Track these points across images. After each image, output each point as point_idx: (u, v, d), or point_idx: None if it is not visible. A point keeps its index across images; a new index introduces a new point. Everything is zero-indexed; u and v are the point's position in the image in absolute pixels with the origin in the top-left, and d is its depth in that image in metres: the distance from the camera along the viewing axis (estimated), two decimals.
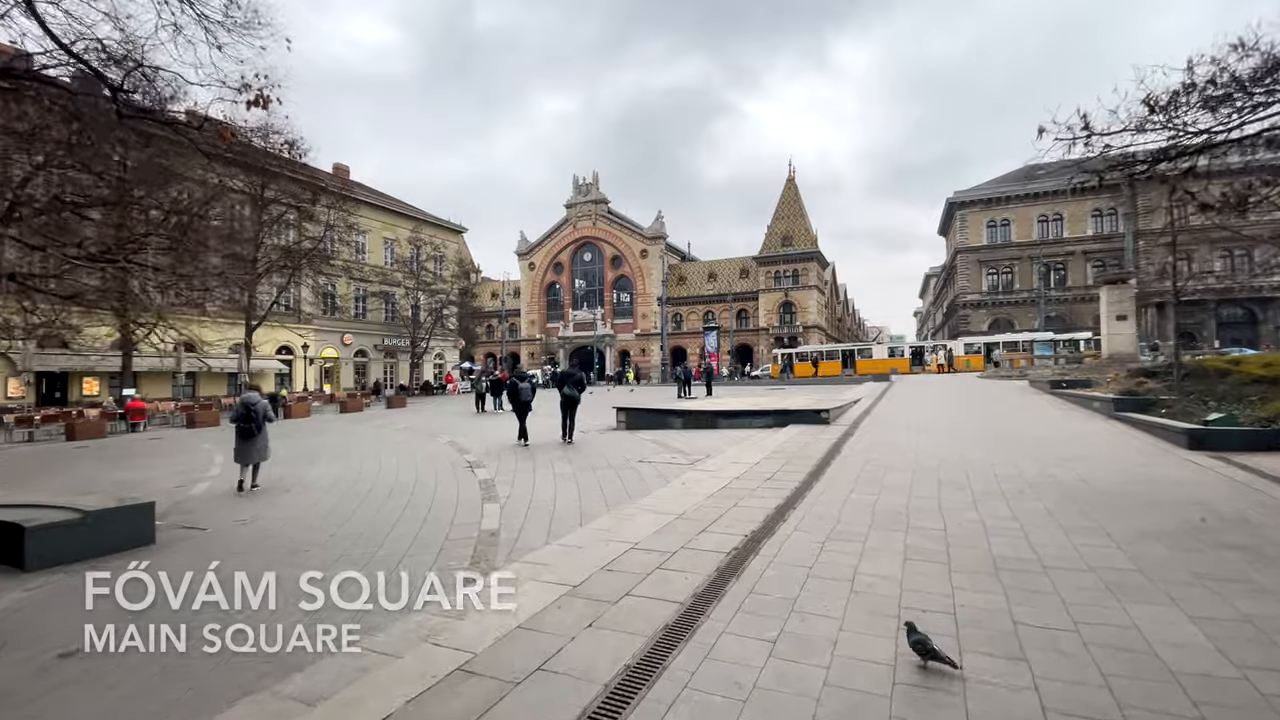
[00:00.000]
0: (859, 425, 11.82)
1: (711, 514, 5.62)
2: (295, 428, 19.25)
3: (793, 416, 12.32)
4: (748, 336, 63.57)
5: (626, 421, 14.23)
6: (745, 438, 10.96)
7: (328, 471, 10.38)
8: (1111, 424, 11.16)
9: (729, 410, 13.29)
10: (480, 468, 9.70)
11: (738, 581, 3.95)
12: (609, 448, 11.03)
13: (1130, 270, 29.73)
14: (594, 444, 11.73)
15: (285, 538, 6.10)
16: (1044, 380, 20.44)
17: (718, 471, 7.76)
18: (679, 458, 9.37)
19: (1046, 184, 63.27)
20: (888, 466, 7.76)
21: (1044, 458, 8.14)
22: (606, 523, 5.58)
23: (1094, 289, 61.08)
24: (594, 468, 8.95)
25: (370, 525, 6.42)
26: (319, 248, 34.37)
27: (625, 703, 2.57)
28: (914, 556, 4.35)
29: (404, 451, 12.29)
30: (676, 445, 10.73)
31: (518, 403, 12.24)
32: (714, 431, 12.50)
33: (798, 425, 11.77)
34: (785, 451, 8.96)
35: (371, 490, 8.48)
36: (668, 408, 14.36)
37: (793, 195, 64.42)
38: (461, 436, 14.44)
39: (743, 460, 8.43)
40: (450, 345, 52.45)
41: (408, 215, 47.16)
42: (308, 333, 39.28)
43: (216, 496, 8.80)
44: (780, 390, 28.83)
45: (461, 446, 12.64)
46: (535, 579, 4.12)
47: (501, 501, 7.08)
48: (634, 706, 2.54)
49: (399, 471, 9.90)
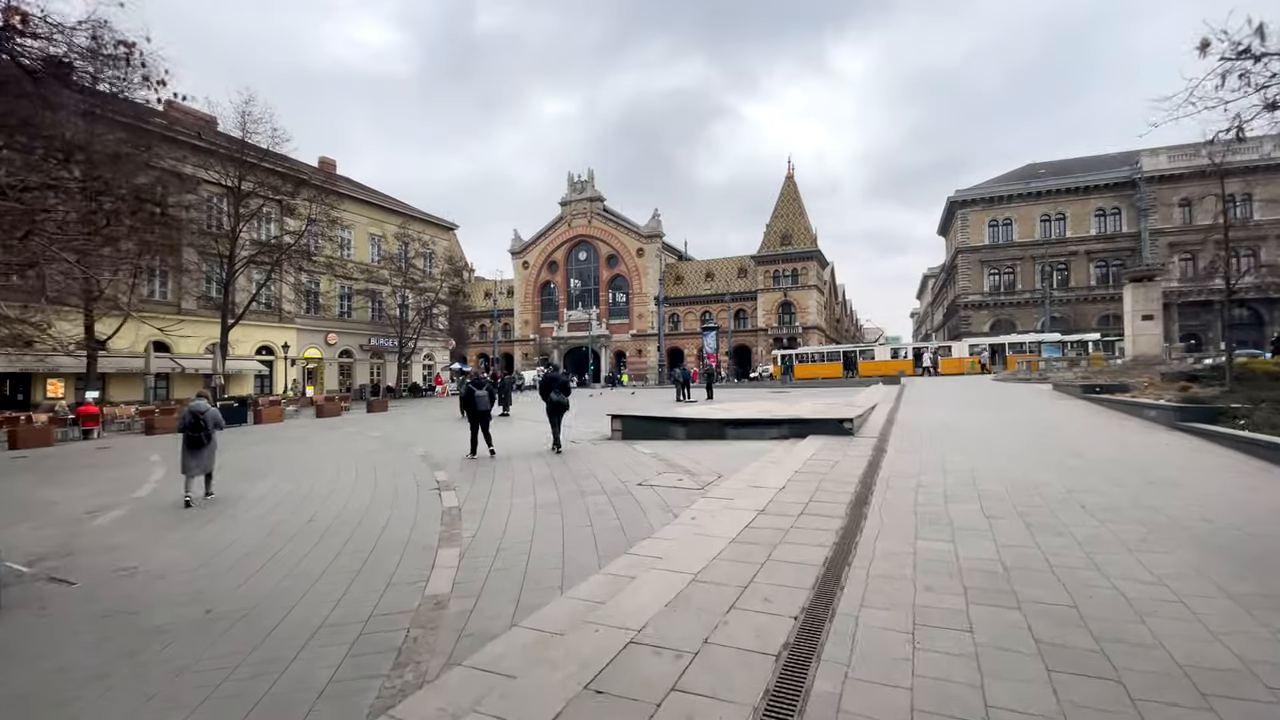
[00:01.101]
0: (887, 437, 10.34)
1: (739, 575, 4.12)
2: (263, 435, 17.68)
3: (811, 426, 10.83)
4: (746, 337, 62.12)
5: (623, 430, 12.71)
6: (760, 452, 9.47)
7: (271, 492, 8.84)
8: (1179, 437, 9.73)
9: (738, 419, 11.79)
10: (449, 490, 8.17)
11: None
12: (603, 463, 9.52)
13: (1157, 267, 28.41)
14: (585, 458, 10.22)
15: (154, 610, 4.53)
16: (1070, 384, 19.06)
17: (735, 500, 6.26)
18: (685, 479, 7.85)
19: (1048, 182, 62.39)
20: (946, 495, 6.27)
21: (1128, 482, 6.68)
22: (597, 588, 4.06)
23: (1098, 290, 60.17)
24: (583, 492, 7.43)
25: (284, 581, 4.89)
26: (300, 243, 32.68)
27: None
28: (1059, 664, 2.86)
29: (368, 466, 10.74)
30: (681, 461, 9.22)
31: (474, 412, 11.14)
32: (722, 444, 11.00)
33: (818, 437, 10.28)
34: (813, 473, 7.47)
35: (312, 521, 6.94)
36: (669, 415, 12.85)
37: (792, 193, 63.05)
38: (439, 447, 12.90)
39: (764, 484, 6.93)
40: (440, 346, 50.81)
41: (395, 210, 45.52)
42: (289, 332, 37.64)
43: (125, 526, 7.25)
44: (784, 394, 27.39)
45: (435, 460, 11.10)
46: (478, 710, 2.61)
47: (464, 544, 5.55)
48: None
49: (353, 494, 8.36)
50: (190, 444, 8.42)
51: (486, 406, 11.28)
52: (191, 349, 32.71)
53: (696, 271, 67.31)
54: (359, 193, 43.49)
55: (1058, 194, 61.96)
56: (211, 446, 8.63)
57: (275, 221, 35.34)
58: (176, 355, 31.97)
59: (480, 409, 11.16)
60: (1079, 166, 65.42)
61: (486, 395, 11.38)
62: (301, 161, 35.21)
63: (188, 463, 8.43)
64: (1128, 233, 59.48)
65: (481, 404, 11.18)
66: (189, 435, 8.43)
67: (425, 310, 43.68)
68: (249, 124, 29.98)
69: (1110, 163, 63.41)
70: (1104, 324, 57.89)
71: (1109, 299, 59.25)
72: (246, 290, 33.08)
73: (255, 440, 16.27)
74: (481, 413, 11.17)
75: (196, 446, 8.43)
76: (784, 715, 2.52)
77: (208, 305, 32.39)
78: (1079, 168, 64.99)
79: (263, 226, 35.15)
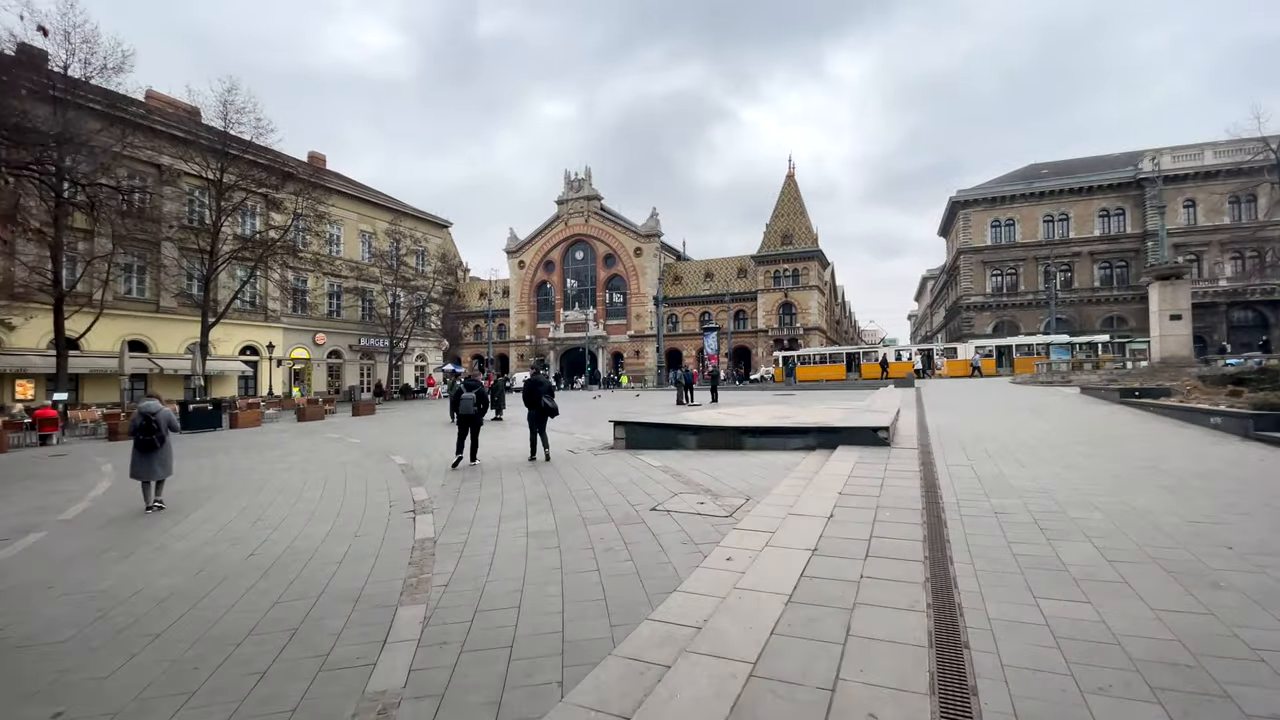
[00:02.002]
0: (929, 449, 9.11)
1: (814, 666, 2.86)
2: (234, 441, 16.33)
3: (841, 435, 9.58)
4: (746, 338, 60.93)
5: (627, 439, 11.44)
6: (788, 467, 8.22)
7: (219, 513, 7.54)
8: (1260, 449, 8.54)
9: (756, 426, 10.53)
10: (426, 513, 6.90)
11: None
12: (606, 479, 8.26)
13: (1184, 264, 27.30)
14: (586, 471, 8.95)
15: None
16: (1100, 387, 17.89)
17: (777, 535, 5.01)
18: (708, 502, 6.59)
19: (1051, 183, 61.46)
20: (1040, 527, 5.04)
21: (1244, 507, 5.47)
22: (612, 690, 2.79)
23: (1102, 291, 59.23)
24: (585, 519, 6.16)
25: (187, 653, 3.61)
26: (285, 238, 31.29)
27: None
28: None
29: (338, 481, 9.44)
30: (697, 477, 7.96)
31: (462, 416, 10.37)
32: (740, 456, 9.74)
33: (850, 448, 9.05)
34: (861, 495, 6.23)
35: (253, 556, 5.66)
36: (678, 422, 11.57)
37: (793, 192, 61.94)
38: (422, 457, 11.61)
39: (806, 510, 5.68)
40: (433, 346, 49.43)
41: (386, 207, 44.14)
42: (275, 332, 36.22)
43: (30, 559, 5.94)
44: (791, 396, 26.18)
45: (416, 472, 9.82)
46: None
47: (432, 600, 4.26)
48: None
49: (313, 517, 7.07)
50: (141, 448, 7.93)
51: (472, 410, 10.41)
52: (171, 349, 31.30)
53: (695, 271, 66.09)
54: (349, 188, 42.10)
55: (1061, 194, 61.07)
56: (165, 450, 8.09)
57: (260, 216, 33.99)
58: (155, 355, 30.55)
59: (467, 412, 10.36)
60: (1082, 166, 64.59)
61: (475, 398, 10.44)
62: (289, 155, 33.83)
63: (139, 468, 7.98)
64: (1132, 233, 58.59)
65: (468, 407, 10.35)
66: (139, 439, 7.93)
67: (417, 309, 42.32)
68: (232, 114, 28.62)
69: (1113, 163, 62.59)
70: (1108, 326, 57.01)
71: (1114, 300, 58.42)
72: (229, 288, 31.67)
73: (224, 447, 14.93)
74: (470, 416, 10.37)
75: (148, 450, 7.93)
76: None
77: (188, 303, 30.94)
78: (1082, 168, 64.16)
79: (246, 221, 33.78)
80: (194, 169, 28.73)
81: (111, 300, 28.92)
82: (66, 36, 23.90)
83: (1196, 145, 58.91)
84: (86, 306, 25.70)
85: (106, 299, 28.16)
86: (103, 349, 28.23)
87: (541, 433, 10.26)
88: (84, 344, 27.79)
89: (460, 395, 10.58)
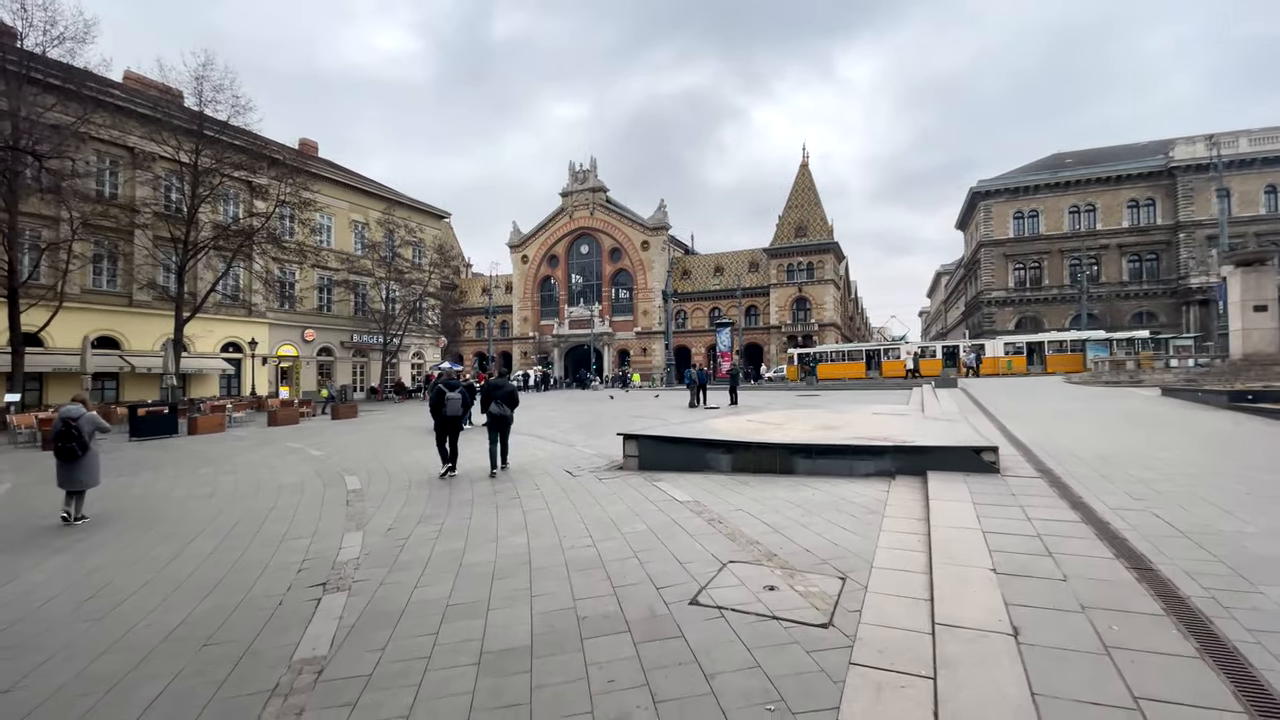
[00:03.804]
0: (1059, 479, 6.63)
1: None
2: (180, 451, 14.02)
3: (928, 458, 7.11)
4: (758, 335, 58.34)
5: (639, 456, 8.99)
6: (871, 506, 5.79)
7: (56, 576, 5.18)
8: None
9: (809, 444, 8.06)
10: (340, 591, 4.51)
11: None
12: (614, 525, 5.84)
13: (1270, 249, 24.62)
14: (586, 510, 6.54)
15: None
16: (1186, 389, 15.33)
17: (944, 695, 2.59)
18: (780, 585, 4.13)
19: (1077, 172, 58.53)
20: None
21: None
22: None
23: (1131, 285, 56.28)
24: (582, 623, 3.72)
25: None
26: (268, 226, 28.95)
27: None
28: None
29: (255, 519, 7.06)
30: (748, 527, 5.53)
31: (441, 418, 9.28)
32: (793, 485, 7.30)
33: (946, 476, 6.59)
34: (1031, 575, 3.79)
35: (24, 682, 3.28)
36: (705, 437, 9.11)
37: (806, 183, 59.27)
38: (382, 479, 9.23)
39: (961, 618, 3.25)
40: (430, 343, 47.11)
41: (380, 196, 41.83)
42: (260, 327, 33.96)
43: None
44: (815, 397, 23.67)
45: (363, 505, 7.44)
46: None
47: None
48: None
49: (168, 600, 4.68)
50: (61, 456, 7.22)
51: (457, 411, 9.30)
52: (146, 345, 29.04)
53: (704, 266, 63.51)
54: (340, 176, 39.78)
55: (1087, 184, 58.18)
56: (89, 459, 7.37)
57: (244, 204, 31.74)
58: (128, 353, 28.32)
59: (455, 413, 9.25)
60: (1108, 155, 61.69)
61: (459, 399, 9.36)
62: (271, 140, 31.49)
63: (60, 478, 7.28)
64: (1163, 224, 55.69)
65: (451, 408, 9.22)
66: (58, 446, 7.21)
67: (413, 304, 40.00)
68: (207, 91, 26.29)
69: (1140, 151, 59.65)
70: (1138, 321, 54.19)
71: (1144, 295, 55.61)
72: (208, 280, 29.39)
73: (166, 459, 12.61)
74: (451, 419, 9.24)
75: (68, 459, 7.21)
76: None
77: (163, 296, 28.67)
78: (1108, 157, 61.26)
79: (228, 208, 31.52)
80: (168, 152, 26.43)
81: (78, 293, 26.76)
82: (23, 5, 21.74)
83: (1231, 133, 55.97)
84: (44, 299, 23.51)
85: (73, 290, 26.08)
86: (69, 345, 26.03)
87: (502, 440, 9.29)
88: (48, 340, 25.64)
89: (444, 396, 9.24)
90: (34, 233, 24.98)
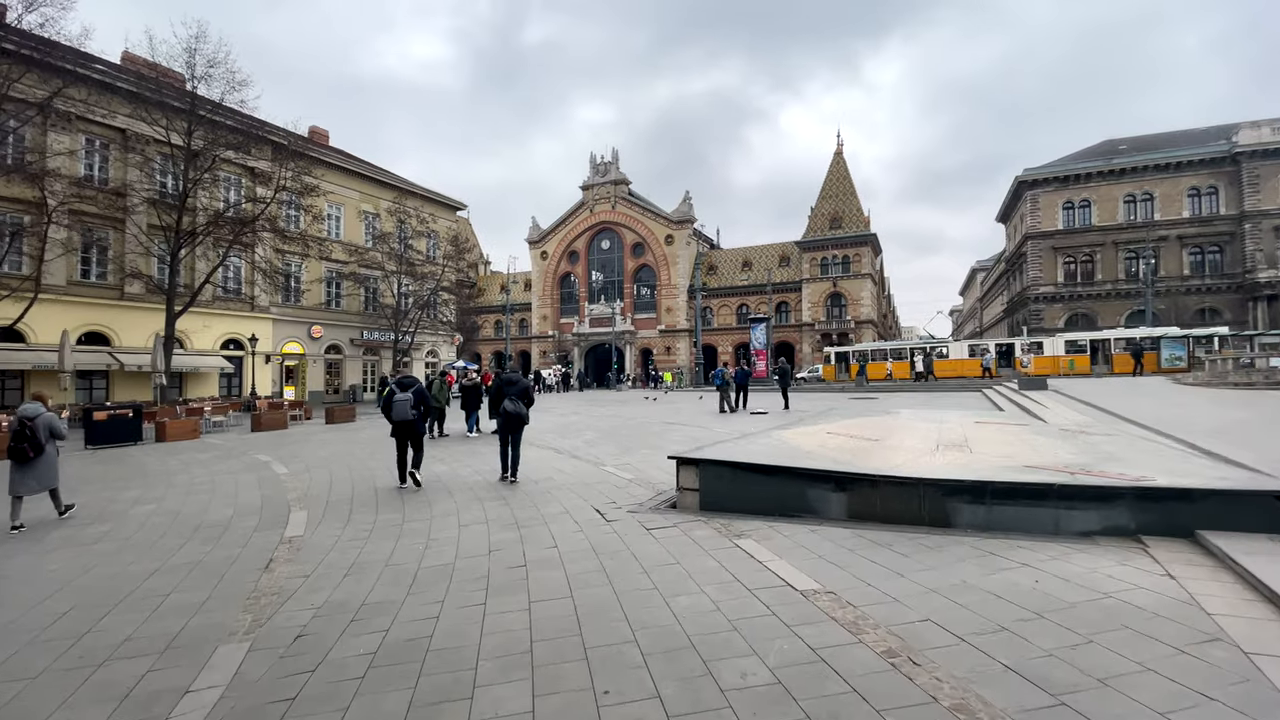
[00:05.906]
0: None
1: None
2: (134, 462, 11.65)
3: (1195, 506, 4.26)
4: (788, 333, 55.10)
5: (702, 493, 6.21)
6: (1165, 608, 2.98)
7: None
8: None
9: (974, 481, 5.18)
10: None
11: None
12: (692, 656, 3.11)
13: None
14: (635, 601, 3.83)
15: None
16: None
17: None
18: None
19: (1133, 159, 54.33)
20: None
21: None
22: None
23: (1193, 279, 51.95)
24: None
25: None
26: (265, 212, 26.74)
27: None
28: None
29: (91, 609, 4.48)
30: (959, 665, 2.76)
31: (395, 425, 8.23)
32: (962, 547, 4.49)
33: (1231, 541, 3.75)
34: None
35: None
36: (800, 466, 6.20)
37: (841, 172, 55.91)
38: (341, 514, 6.60)
39: None
40: (445, 340, 44.85)
41: (392, 185, 39.64)
42: (264, 323, 31.90)
43: None
44: (874, 400, 20.65)
45: (292, 571, 4.80)
46: None
47: None
48: None
49: None
50: (15, 457, 6.80)
51: (405, 415, 8.11)
52: (138, 342, 27.00)
53: (731, 261, 60.42)
54: (349, 164, 37.66)
55: (1143, 171, 53.90)
56: (44, 462, 6.98)
57: (245, 189, 29.66)
58: (118, 349, 26.33)
59: (403, 418, 8.09)
60: (1165, 141, 57.31)
61: (409, 400, 8.16)
62: (270, 123, 29.32)
63: (14, 482, 6.79)
64: (1227, 214, 51.36)
65: (399, 412, 8.08)
66: (12, 447, 6.77)
67: (426, 299, 37.70)
68: (201, 66, 24.17)
69: (1202, 137, 55.19)
70: (1200, 319, 49.94)
71: (1206, 290, 51.35)
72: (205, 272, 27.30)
73: (112, 474, 10.20)
74: (402, 424, 8.13)
75: (21, 461, 6.81)
76: None
77: (157, 289, 26.63)
78: (1165, 142, 56.88)
79: (230, 193, 29.46)
80: (159, 134, 24.33)
81: (64, 285, 24.82)
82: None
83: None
84: (21, 290, 21.57)
85: (59, 282, 24.14)
86: (53, 341, 24.06)
87: (514, 444, 8.28)
88: (31, 336, 23.72)
89: (392, 398, 8.12)
90: (14, 219, 23.05)
